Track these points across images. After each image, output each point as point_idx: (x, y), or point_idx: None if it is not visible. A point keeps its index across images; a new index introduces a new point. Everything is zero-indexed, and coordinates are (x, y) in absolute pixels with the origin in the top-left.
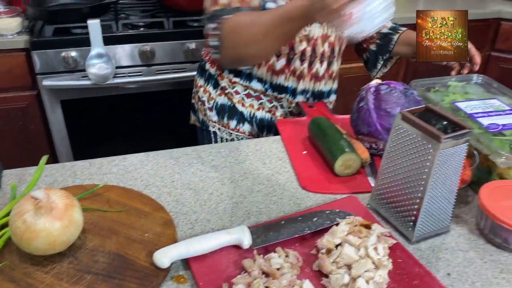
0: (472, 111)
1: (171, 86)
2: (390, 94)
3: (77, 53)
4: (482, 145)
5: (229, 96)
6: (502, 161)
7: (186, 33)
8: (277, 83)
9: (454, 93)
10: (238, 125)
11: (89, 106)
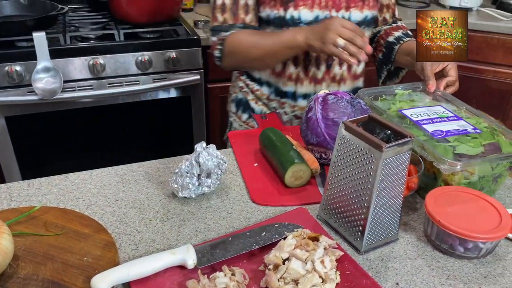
0: (417, 118)
1: (124, 99)
2: (337, 104)
3: (22, 67)
4: (427, 152)
5: (244, 94)
6: (446, 167)
7: (138, 45)
8: (279, 87)
9: (400, 101)
10: (249, 119)
11: (37, 122)
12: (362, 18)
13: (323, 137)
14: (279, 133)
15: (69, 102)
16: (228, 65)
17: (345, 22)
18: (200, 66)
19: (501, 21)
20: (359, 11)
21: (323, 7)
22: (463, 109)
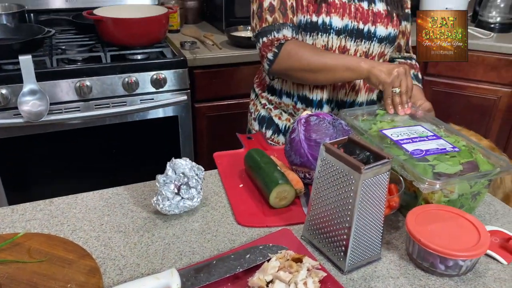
0: (397, 138)
1: (111, 120)
2: (319, 125)
3: (8, 90)
4: (407, 172)
5: (268, 110)
6: (425, 186)
7: (124, 66)
8: (303, 94)
9: (381, 121)
10: (273, 135)
11: (23, 144)
12: (386, 34)
13: (306, 157)
14: (263, 154)
15: (56, 124)
16: (279, 68)
17: (410, 76)
18: (187, 86)
19: (480, 39)
20: (384, 27)
21: (352, 18)
22: (442, 128)
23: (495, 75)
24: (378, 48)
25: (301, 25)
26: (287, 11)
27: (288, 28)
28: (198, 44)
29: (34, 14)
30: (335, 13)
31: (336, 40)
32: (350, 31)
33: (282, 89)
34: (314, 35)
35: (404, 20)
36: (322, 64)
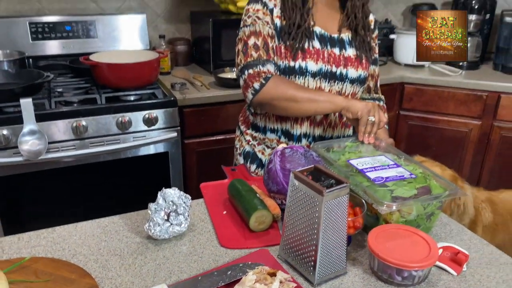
0: (362, 167)
1: (105, 157)
2: (293, 156)
3: (9, 131)
4: (368, 196)
5: (252, 146)
6: (384, 208)
7: (118, 107)
8: (285, 129)
9: (349, 152)
10: (256, 169)
11: (21, 181)
12: (357, 75)
13: (281, 185)
14: (245, 183)
15: (53, 162)
16: (263, 98)
17: (382, 112)
18: (177, 124)
19: (450, 76)
20: (355, 70)
21: (326, 62)
22: (402, 158)
23: (465, 109)
24: (351, 88)
25: (280, 69)
26: (269, 50)
27: (271, 64)
28: (188, 85)
29: (34, 60)
30: (310, 58)
31: (312, 82)
32: (324, 74)
33: (266, 125)
34: (292, 78)
35: (372, 64)
36: (306, 96)
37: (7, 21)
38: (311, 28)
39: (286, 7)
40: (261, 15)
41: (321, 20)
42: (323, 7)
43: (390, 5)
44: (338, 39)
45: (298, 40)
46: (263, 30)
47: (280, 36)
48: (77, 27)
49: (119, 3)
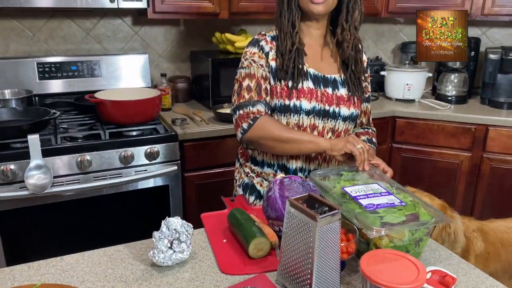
0: (355, 194)
1: (107, 190)
2: (291, 185)
3: (16, 166)
4: (359, 222)
5: (250, 178)
6: (373, 233)
7: (121, 142)
8: (282, 163)
9: (345, 180)
10: (255, 201)
11: (26, 215)
12: (349, 113)
13: (280, 211)
14: (244, 212)
15: (57, 195)
16: (251, 137)
17: (360, 140)
18: (177, 158)
19: (439, 110)
20: (347, 108)
21: (319, 101)
22: (394, 186)
23: (455, 142)
24: (343, 125)
25: (276, 107)
26: (261, 91)
27: (261, 105)
28: (188, 120)
29: (40, 98)
30: (304, 97)
31: (306, 119)
32: (318, 112)
33: (263, 160)
34: (287, 115)
35: (365, 102)
36: (290, 137)
37: (16, 61)
38: (305, 69)
39: (280, 40)
40: (257, 58)
41: (315, 63)
42: (317, 50)
43: (381, 44)
44: (331, 79)
45: (292, 78)
46: (257, 72)
47: (275, 76)
48: (82, 67)
49: (122, 44)
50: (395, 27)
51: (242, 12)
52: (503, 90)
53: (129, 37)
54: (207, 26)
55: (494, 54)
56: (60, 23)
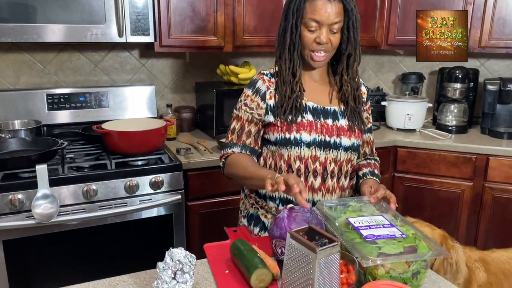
0: (358, 225)
1: (112, 219)
2: (300, 211)
3: (23, 195)
4: (356, 251)
5: (255, 209)
6: (369, 263)
7: (127, 172)
8: (284, 197)
9: (351, 211)
10: (260, 232)
11: (32, 244)
12: (350, 144)
13: (284, 230)
14: (246, 243)
15: (63, 224)
16: (227, 174)
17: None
18: (181, 187)
19: (440, 140)
20: (348, 138)
21: (319, 132)
22: (399, 219)
23: (456, 171)
24: (345, 155)
25: (277, 141)
26: (242, 134)
27: (237, 147)
28: (192, 150)
29: (49, 128)
30: (304, 130)
31: (307, 151)
32: (319, 143)
33: (266, 193)
34: (289, 148)
35: (367, 132)
36: (246, 174)
37: (27, 93)
38: (304, 102)
39: (279, 84)
40: (249, 101)
41: (314, 96)
42: (317, 84)
43: (381, 74)
44: (331, 111)
45: (291, 113)
46: (244, 115)
47: (274, 113)
48: (90, 98)
49: (130, 75)
50: (395, 58)
51: (245, 46)
52: (502, 120)
53: (136, 69)
54: (212, 58)
55: (493, 85)
56: (70, 56)
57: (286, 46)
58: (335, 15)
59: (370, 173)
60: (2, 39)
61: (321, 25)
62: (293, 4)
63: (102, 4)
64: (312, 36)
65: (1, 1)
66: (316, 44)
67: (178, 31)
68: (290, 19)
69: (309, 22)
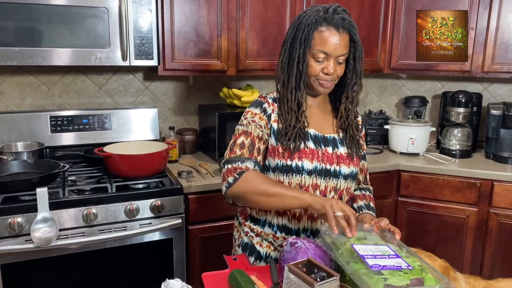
0: (363, 253)
1: (112, 243)
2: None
3: (23, 218)
4: (362, 282)
5: (250, 238)
6: None
7: (127, 195)
8: (282, 224)
9: (355, 239)
10: (255, 262)
11: (30, 268)
12: (349, 172)
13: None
14: (244, 274)
15: (62, 248)
16: (236, 191)
17: (344, 205)
18: (182, 211)
19: (443, 164)
20: (347, 166)
21: (320, 161)
22: (404, 250)
23: (460, 196)
24: (345, 183)
25: (278, 167)
26: (253, 150)
27: (251, 162)
28: (194, 173)
29: (51, 150)
30: (306, 158)
31: (308, 179)
32: (319, 171)
33: (265, 219)
34: (290, 175)
35: (362, 159)
36: (275, 191)
37: (31, 115)
38: (306, 130)
39: (283, 112)
40: (257, 119)
41: (315, 123)
42: (317, 111)
43: (384, 98)
44: (330, 139)
45: (294, 141)
46: (254, 131)
47: (277, 138)
48: (93, 120)
49: (133, 98)
50: (398, 81)
51: (248, 69)
52: (507, 144)
53: (140, 92)
54: (215, 81)
55: (496, 110)
56: (75, 78)
57: (292, 75)
58: (343, 47)
59: (366, 207)
60: (7, 62)
61: (329, 57)
62: (301, 33)
63: (107, 28)
64: (319, 67)
65: (7, 25)
66: (323, 74)
67: (181, 55)
68: (297, 49)
69: (317, 53)
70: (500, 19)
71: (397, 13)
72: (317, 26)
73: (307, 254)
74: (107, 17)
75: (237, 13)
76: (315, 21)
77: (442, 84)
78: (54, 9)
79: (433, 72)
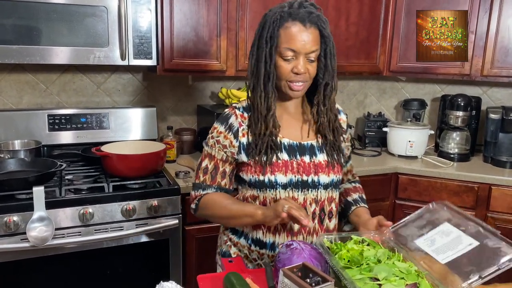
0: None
1: (108, 243)
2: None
3: (19, 217)
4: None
5: (228, 247)
6: None
7: (124, 195)
8: (257, 237)
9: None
10: None
11: (26, 267)
12: (329, 181)
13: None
14: (239, 277)
15: (58, 248)
16: (200, 216)
17: (291, 200)
18: (179, 211)
19: (441, 168)
20: (326, 175)
21: (295, 172)
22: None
23: (458, 200)
24: (325, 193)
25: (251, 183)
26: (216, 175)
27: (211, 189)
28: (191, 173)
29: (49, 149)
30: (279, 171)
31: (283, 193)
32: (295, 184)
33: (242, 231)
34: (264, 190)
35: (347, 162)
36: (229, 214)
37: (28, 113)
38: (279, 139)
39: (253, 120)
40: (222, 138)
41: (288, 131)
42: (290, 117)
43: (383, 100)
44: (308, 146)
45: (266, 154)
46: (218, 154)
47: (247, 153)
48: (91, 119)
49: (131, 97)
50: (397, 84)
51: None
52: (505, 149)
53: (138, 91)
54: (214, 82)
55: (495, 114)
56: (73, 77)
57: (261, 78)
58: (312, 43)
59: (361, 199)
60: (5, 60)
61: (297, 54)
62: (266, 32)
63: (106, 27)
64: (288, 66)
65: (6, 23)
66: (293, 74)
67: (180, 55)
68: (264, 48)
69: (285, 51)
70: (500, 23)
71: (397, 15)
72: (282, 23)
73: (302, 255)
74: (106, 16)
75: (237, 14)
76: (279, 17)
77: (442, 87)
78: (53, 7)
79: (432, 75)
